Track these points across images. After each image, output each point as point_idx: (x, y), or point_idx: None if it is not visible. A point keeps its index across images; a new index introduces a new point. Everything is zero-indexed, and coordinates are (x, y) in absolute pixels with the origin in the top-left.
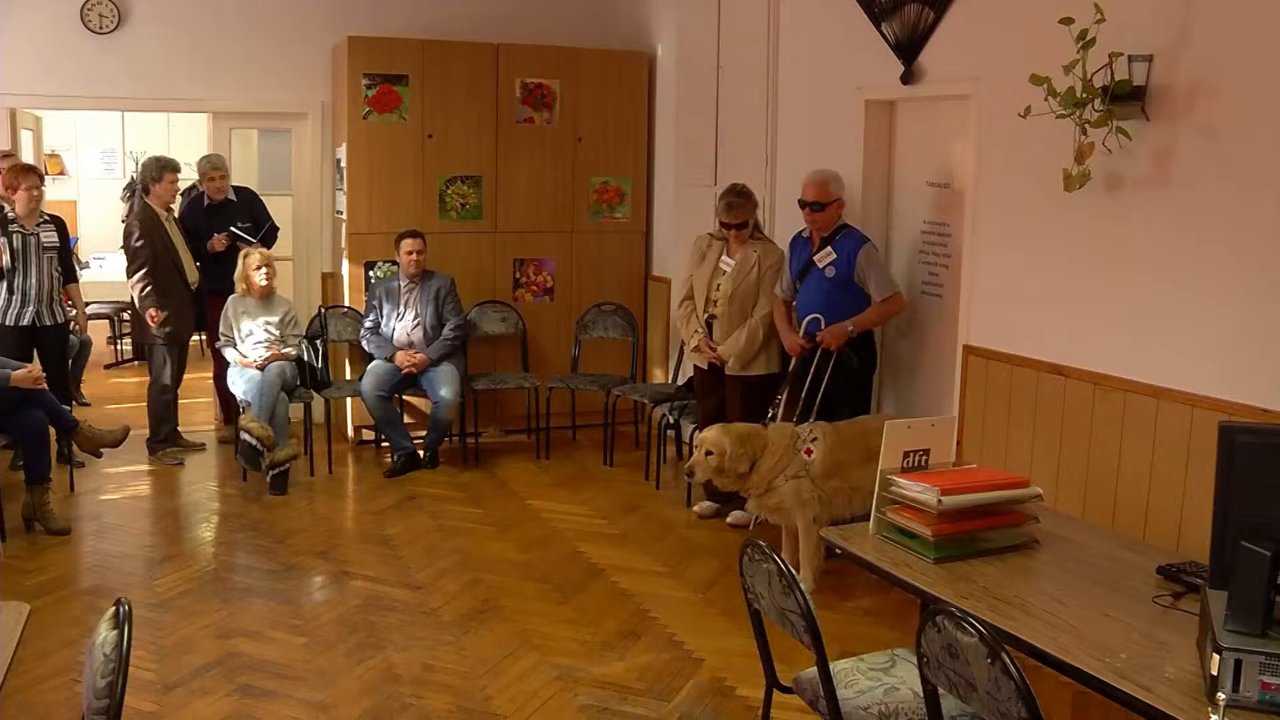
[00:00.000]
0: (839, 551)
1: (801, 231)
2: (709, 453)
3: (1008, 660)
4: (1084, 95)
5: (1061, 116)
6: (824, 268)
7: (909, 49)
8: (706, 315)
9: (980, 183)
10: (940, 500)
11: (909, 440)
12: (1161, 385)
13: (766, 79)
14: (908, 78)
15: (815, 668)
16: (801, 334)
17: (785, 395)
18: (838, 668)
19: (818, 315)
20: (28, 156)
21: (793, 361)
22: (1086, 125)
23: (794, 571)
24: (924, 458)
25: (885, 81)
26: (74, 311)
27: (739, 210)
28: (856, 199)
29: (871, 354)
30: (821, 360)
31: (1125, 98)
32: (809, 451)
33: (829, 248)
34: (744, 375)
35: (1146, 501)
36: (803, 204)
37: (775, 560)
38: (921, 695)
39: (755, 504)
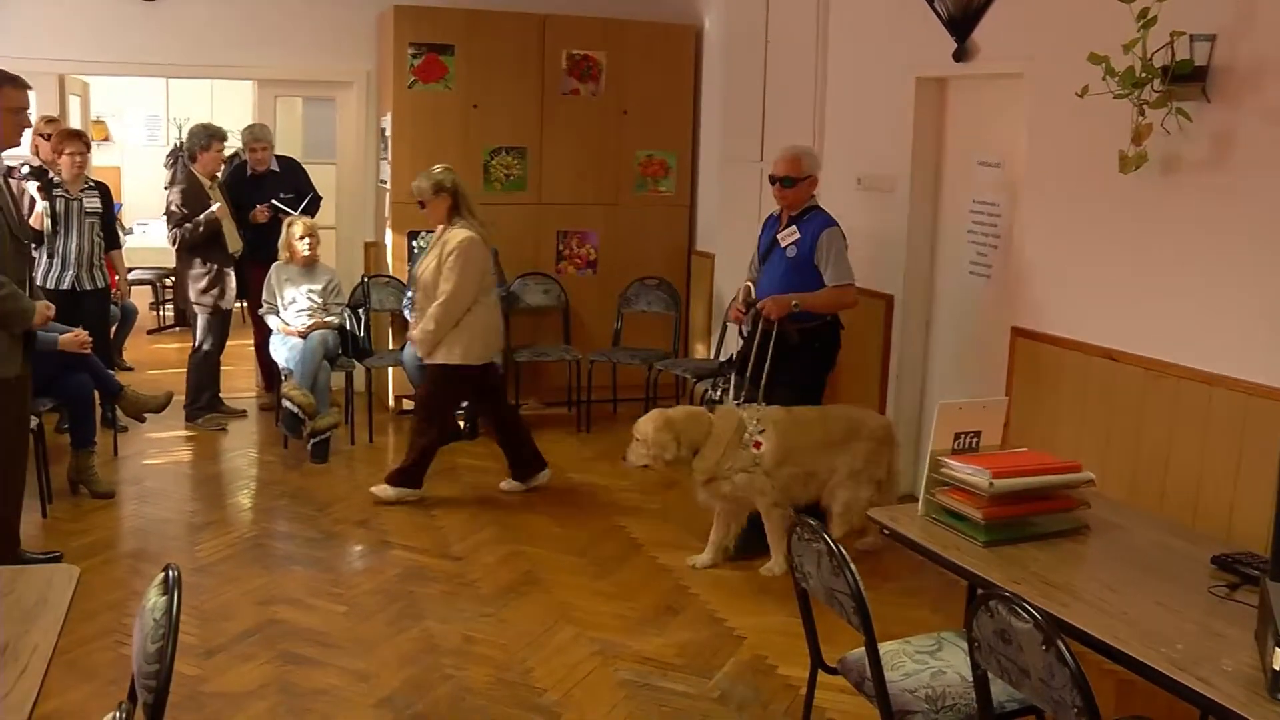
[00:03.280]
0: (887, 530)
1: (775, 211)
2: (637, 439)
3: (1063, 647)
4: (1143, 75)
5: (1119, 97)
6: (786, 247)
7: (962, 25)
8: (409, 298)
9: (1033, 163)
10: (991, 483)
11: (960, 422)
12: (1216, 373)
13: (815, 54)
14: (960, 55)
15: (861, 649)
16: (741, 301)
17: (734, 374)
18: (883, 650)
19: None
20: (75, 122)
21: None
22: (1145, 106)
23: (845, 551)
24: (975, 440)
25: (937, 58)
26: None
27: (418, 193)
28: (906, 177)
29: (828, 344)
30: (766, 336)
31: (1186, 78)
32: (758, 445)
33: (794, 226)
34: (430, 363)
35: (1197, 490)
36: (773, 179)
37: (825, 540)
38: (969, 679)
39: (701, 492)
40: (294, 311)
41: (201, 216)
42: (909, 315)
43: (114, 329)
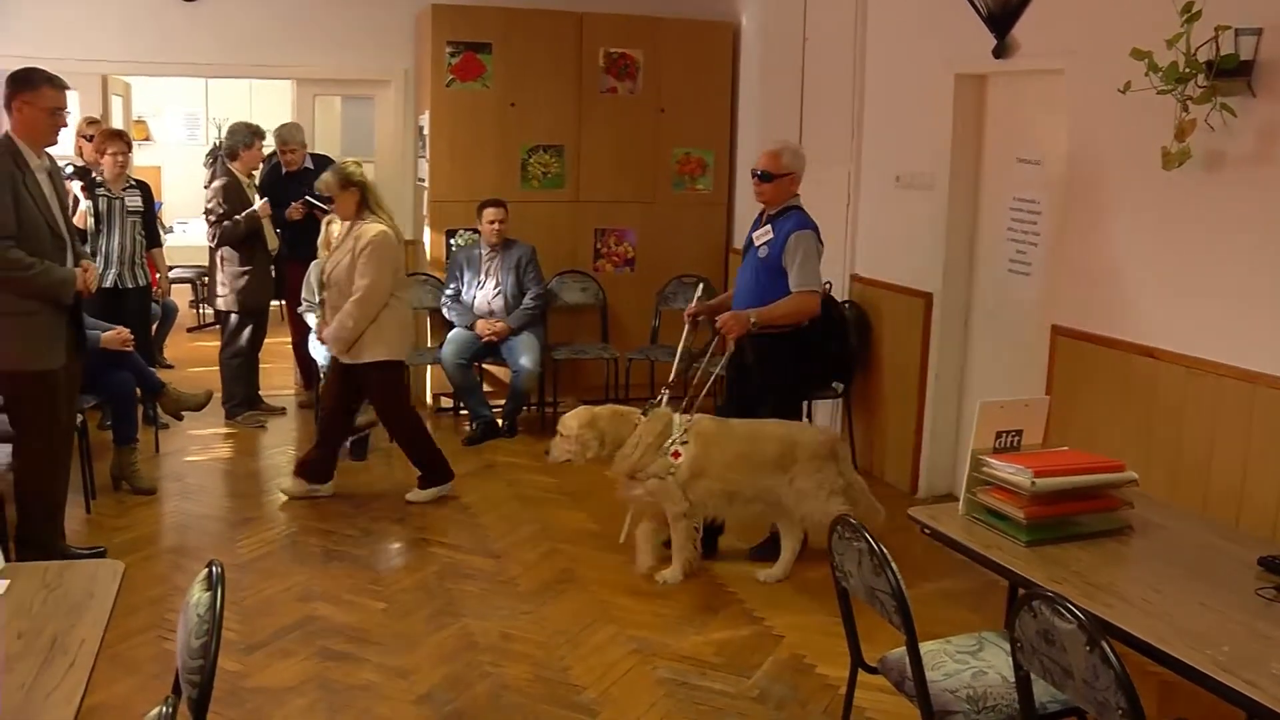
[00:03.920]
0: (928, 529)
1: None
2: (561, 434)
3: (1107, 649)
4: (1187, 70)
5: (1163, 92)
6: (758, 247)
7: (1002, 22)
8: (320, 297)
9: (1073, 160)
10: (1034, 482)
11: (1002, 420)
12: (1258, 371)
13: (854, 51)
14: (1000, 51)
15: (902, 648)
16: (695, 302)
17: (673, 377)
18: (924, 649)
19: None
20: (117, 122)
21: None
22: (1188, 101)
23: (886, 550)
24: (1016, 439)
25: (977, 55)
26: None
27: (325, 188)
28: (945, 174)
29: (798, 348)
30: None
31: (1231, 73)
32: (676, 455)
33: (769, 226)
34: (354, 363)
35: (1241, 490)
36: (753, 174)
37: (866, 539)
38: (1010, 680)
39: (621, 488)
40: None
41: (243, 214)
42: (948, 313)
43: (155, 327)
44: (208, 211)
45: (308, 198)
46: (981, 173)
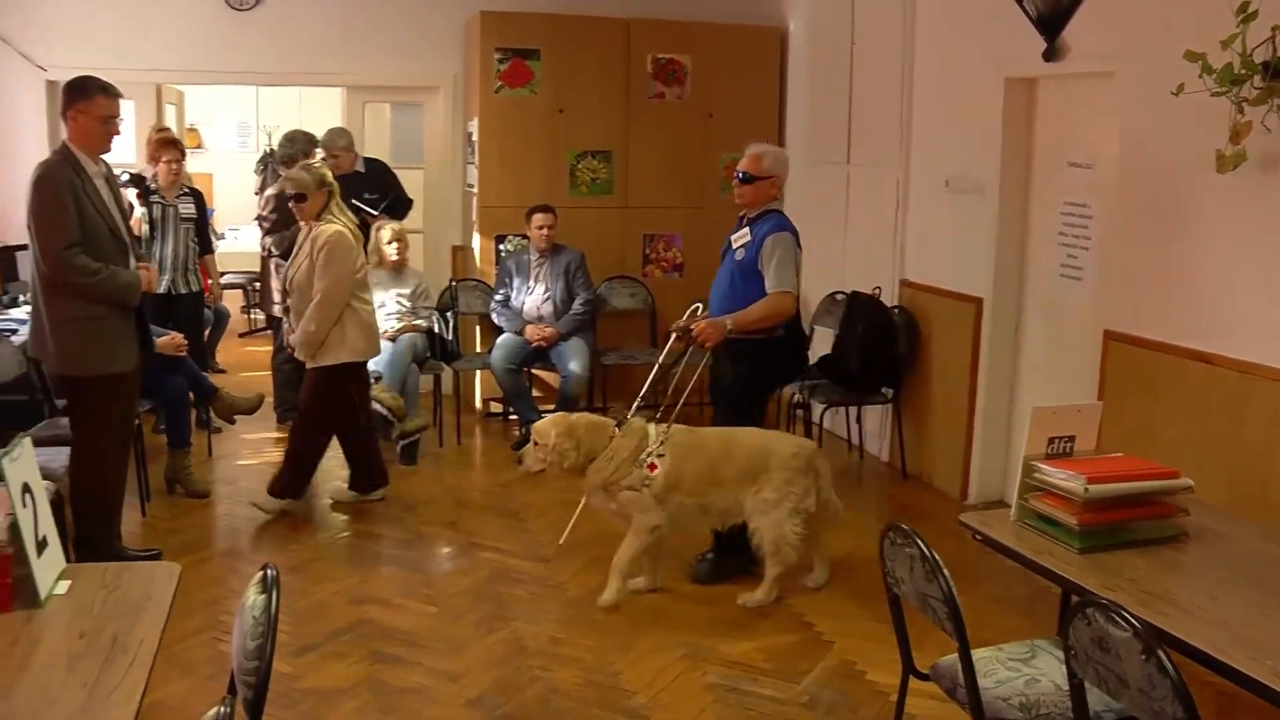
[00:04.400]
0: (980, 535)
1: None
2: (536, 442)
3: (1164, 657)
4: (1243, 72)
5: (1217, 94)
6: (735, 249)
7: (1052, 24)
8: (284, 304)
9: (1125, 163)
10: (1087, 488)
11: (1054, 426)
12: None
13: (902, 55)
14: (1050, 54)
15: (954, 655)
16: (685, 320)
17: (647, 388)
18: (976, 657)
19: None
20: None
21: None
22: (1244, 103)
23: (937, 556)
24: (1069, 444)
25: (1026, 58)
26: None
27: (299, 185)
28: (995, 179)
29: (775, 352)
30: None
31: None
32: (652, 467)
33: (747, 229)
34: (317, 365)
35: None
36: (734, 175)
37: (918, 544)
38: (1063, 688)
39: (594, 497)
40: (383, 315)
41: (288, 231)
42: (999, 318)
43: (207, 332)
44: (261, 219)
45: (354, 201)
46: (1032, 177)
